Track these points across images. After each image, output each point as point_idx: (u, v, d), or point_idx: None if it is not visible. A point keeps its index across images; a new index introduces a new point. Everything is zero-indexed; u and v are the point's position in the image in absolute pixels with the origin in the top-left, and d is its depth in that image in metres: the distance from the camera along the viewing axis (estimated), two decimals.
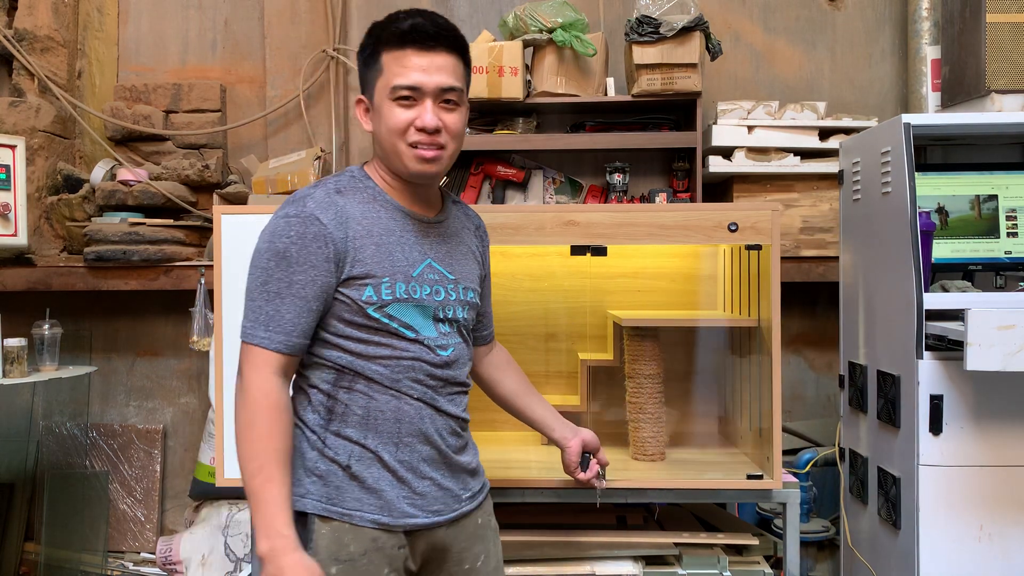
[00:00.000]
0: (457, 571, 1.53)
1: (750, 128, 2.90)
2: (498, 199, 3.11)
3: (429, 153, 1.43)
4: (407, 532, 1.45)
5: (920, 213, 2.13)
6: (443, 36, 1.43)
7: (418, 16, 1.43)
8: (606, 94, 2.98)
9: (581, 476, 1.77)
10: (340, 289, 1.40)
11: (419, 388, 1.44)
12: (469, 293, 1.54)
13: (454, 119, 1.45)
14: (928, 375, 2.07)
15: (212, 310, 2.80)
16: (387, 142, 1.44)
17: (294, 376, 1.49)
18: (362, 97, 1.50)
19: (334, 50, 3.22)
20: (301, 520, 1.42)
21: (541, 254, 2.39)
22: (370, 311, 1.40)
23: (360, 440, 1.42)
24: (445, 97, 1.44)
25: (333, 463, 1.42)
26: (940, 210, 2.38)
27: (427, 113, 1.41)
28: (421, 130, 1.41)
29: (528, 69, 2.95)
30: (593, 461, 1.78)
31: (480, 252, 1.64)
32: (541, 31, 2.86)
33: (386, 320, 1.41)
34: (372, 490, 1.42)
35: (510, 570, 2.02)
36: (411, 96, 1.41)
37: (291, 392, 1.48)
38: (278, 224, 1.40)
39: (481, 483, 1.60)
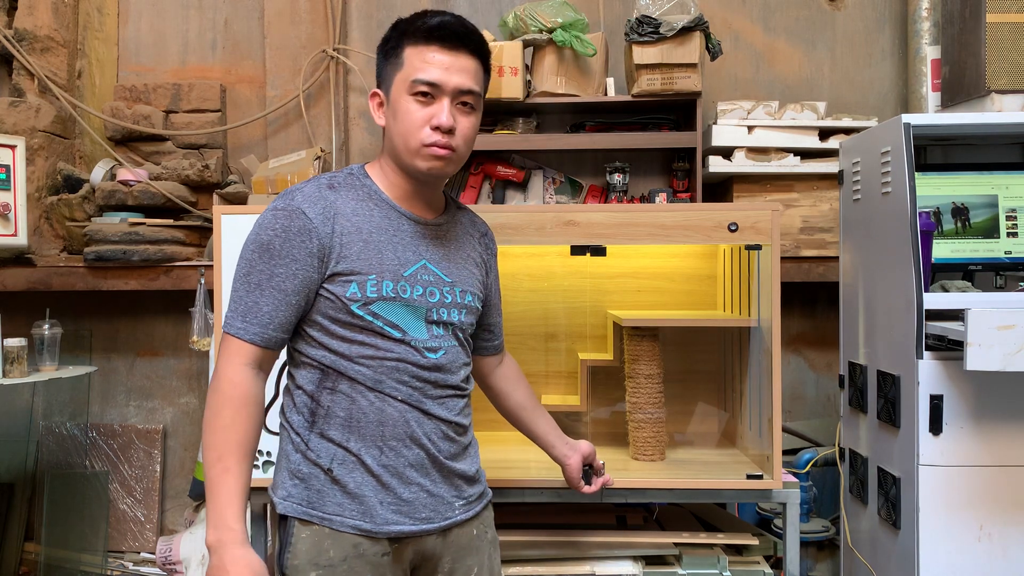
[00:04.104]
0: None
1: (750, 128, 2.90)
2: (498, 199, 3.11)
3: (440, 152, 1.41)
4: (393, 539, 1.42)
5: (920, 213, 2.13)
6: (469, 38, 1.44)
7: (447, 15, 1.44)
8: (606, 94, 2.98)
9: (587, 490, 1.78)
10: (325, 285, 1.39)
11: (404, 390, 1.42)
12: (467, 297, 1.51)
13: (468, 123, 1.45)
14: (928, 375, 2.07)
15: (212, 310, 2.80)
16: (399, 138, 1.43)
17: (286, 378, 1.49)
18: (378, 91, 1.48)
19: (334, 50, 3.22)
20: (283, 523, 1.42)
21: (541, 254, 2.39)
22: (354, 308, 1.39)
23: (343, 443, 1.40)
24: (462, 99, 1.43)
25: (315, 466, 1.41)
26: (960, 209, 2.36)
27: (443, 112, 1.40)
28: (436, 129, 1.40)
29: (528, 69, 2.95)
30: (599, 480, 1.79)
31: (485, 259, 1.62)
32: (541, 31, 2.86)
33: (370, 318, 1.40)
34: (354, 495, 1.40)
35: (510, 570, 2.02)
36: (429, 93, 1.40)
37: (282, 394, 1.49)
38: (266, 216, 1.41)
39: (480, 491, 1.55)
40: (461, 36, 1.42)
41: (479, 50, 1.45)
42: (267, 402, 1.46)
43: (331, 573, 1.38)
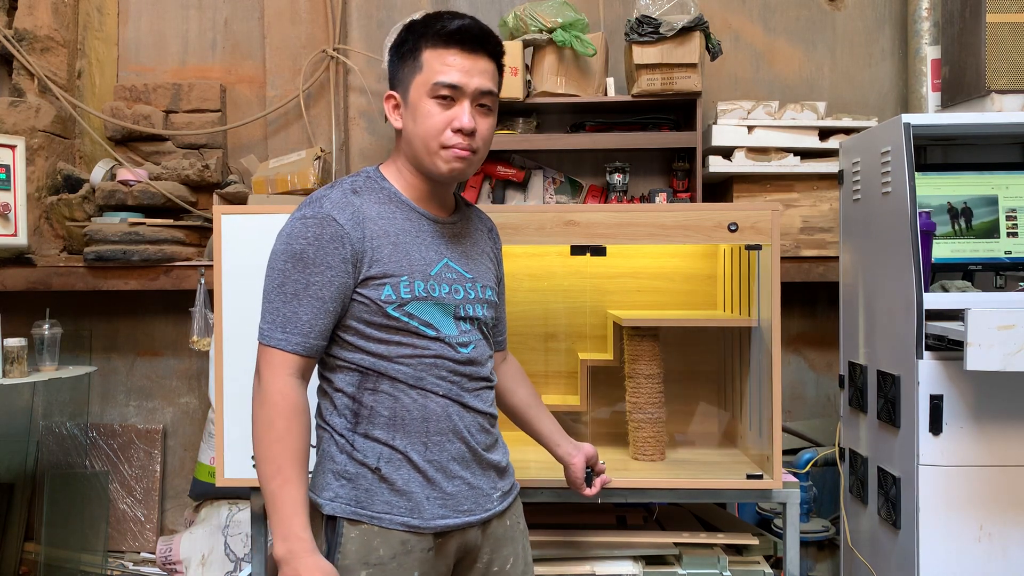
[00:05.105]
0: (486, 574, 1.53)
1: (750, 128, 2.90)
2: (498, 199, 3.11)
3: (462, 154, 1.43)
4: (438, 534, 1.44)
5: (920, 213, 2.13)
6: (488, 41, 1.45)
7: (466, 18, 1.45)
8: (606, 94, 2.98)
9: (588, 492, 1.79)
10: (358, 290, 1.40)
11: (444, 385, 1.44)
12: (487, 291, 1.54)
13: (487, 124, 1.46)
14: (928, 375, 2.07)
15: (212, 310, 2.80)
16: (420, 141, 1.43)
17: (319, 381, 1.49)
18: (393, 93, 1.49)
19: (334, 50, 3.22)
20: (330, 524, 1.42)
21: (541, 254, 2.39)
22: (390, 310, 1.40)
23: (388, 441, 1.42)
24: (482, 101, 1.44)
25: (363, 466, 1.42)
26: (964, 210, 2.36)
27: (465, 114, 1.42)
28: (458, 131, 1.41)
29: (528, 69, 2.95)
30: (599, 480, 1.80)
31: (494, 253, 1.64)
32: (541, 31, 2.86)
33: (406, 319, 1.41)
34: (402, 492, 1.41)
35: None
36: (450, 96, 1.42)
37: (317, 396, 1.49)
38: (295, 226, 1.41)
39: (511, 483, 1.58)
40: (480, 39, 1.44)
41: (496, 52, 1.47)
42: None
43: (381, 572, 1.39)
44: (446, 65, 1.41)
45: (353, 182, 1.47)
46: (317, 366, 1.48)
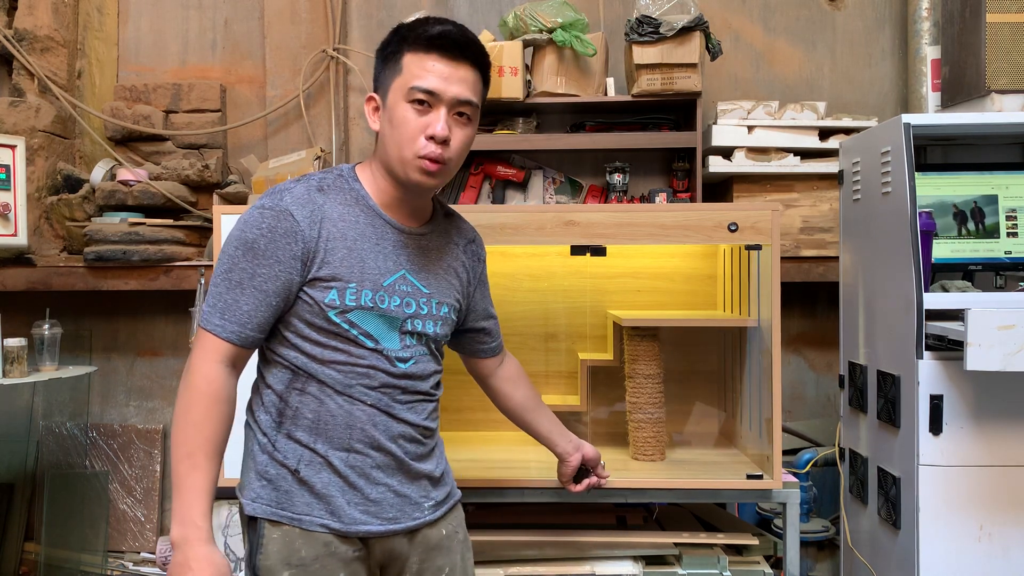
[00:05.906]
0: None
1: (750, 128, 2.90)
2: (498, 199, 3.11)
3: (432, 167, 1.40)
4: (363, 538, 1.42)
5: (920, 213, 2.13)
6: (470, 48, 1.42)
7: (449, 24, 1.42)
8: (606, 94, 2.98)
9: (573, 488, 1.82)
10: (305, 288, 1.38)
11: (373, 394, 1.41)
12: (443, 308, 1.50)
13: (463, 135, 1.43)
14: (928, 375, 2.07)
15: None
16: (394, 145, 1.41)
17: (255, 375, 1.48)
18: (374, 95, 1.47)
19: (334, 50, 3.22)
20: (252, 525, 1.41)
21: (541, 254, 2.40)
22: (331, 315, 1.38)
23: (310, 444, 1.40)
24: (459, 110, 1.41)
25: (283, 467, 1.41)
26: (974, 211, 2.36)
27: (439, 122, 1.38)
28: (430, 138, 1.38)
29: (528, 69, 2.95)
30: (587, 480, 1.81)
31: (468, 267, 1.59)
32: (541, 31, 2.86)
33: (346, 326, 1.39)
34: (321, 496, 1.40)
35: (510, 570, 2.02)
36: (426, 101, 1.39)
37: (251, 391, 1.47)
38: (252, 214, 1.39)
39: (447, 492, 1.55)
40: (461, 46, 1.41)
41: (479, 60, 1.44)
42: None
43: (304, 572, 1.38)
44: (424, 70, 1.38)
45: (322, 179, 1.45)
46: (257, 360, 1.47)
